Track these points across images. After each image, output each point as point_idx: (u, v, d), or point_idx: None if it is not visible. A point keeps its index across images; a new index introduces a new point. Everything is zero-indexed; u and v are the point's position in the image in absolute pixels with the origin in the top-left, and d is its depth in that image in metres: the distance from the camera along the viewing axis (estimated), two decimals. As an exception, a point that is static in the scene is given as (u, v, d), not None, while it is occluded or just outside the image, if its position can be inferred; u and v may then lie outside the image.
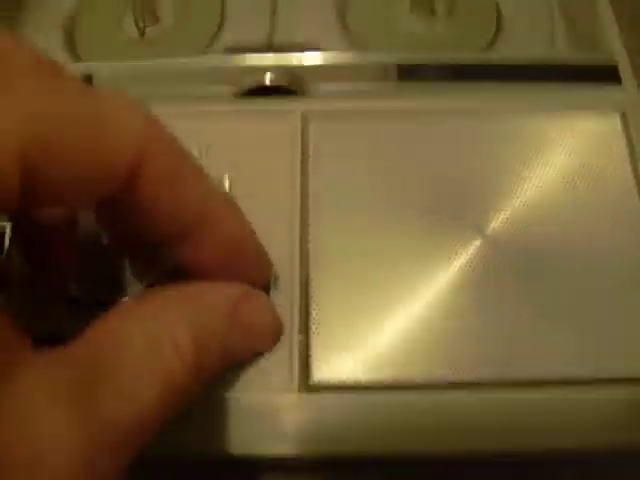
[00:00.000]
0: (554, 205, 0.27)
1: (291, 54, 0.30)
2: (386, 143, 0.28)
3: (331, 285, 0.25)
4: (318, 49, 0.31)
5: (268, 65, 0.30)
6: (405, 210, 0.27)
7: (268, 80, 0.29)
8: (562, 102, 0.29)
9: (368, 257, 0.26)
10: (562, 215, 0.27)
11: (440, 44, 0.35)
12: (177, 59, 0.31)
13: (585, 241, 0.26)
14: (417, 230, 0.26)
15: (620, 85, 0.30)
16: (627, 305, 0.25)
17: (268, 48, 0.33)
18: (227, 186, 0.27)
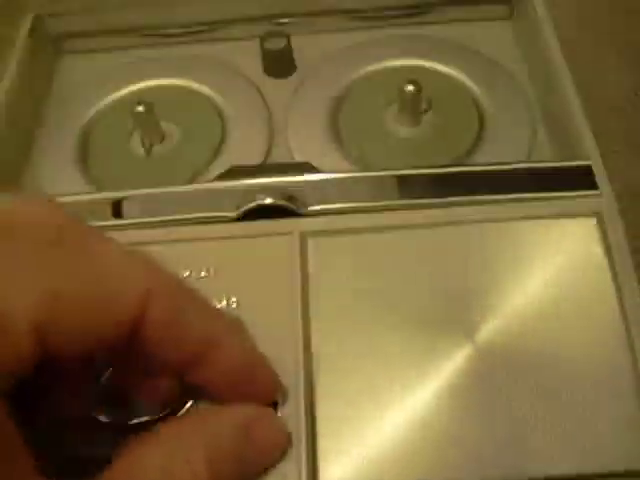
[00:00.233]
0: (538, 311, 0.28)
1: (288, 176, 0.32)
2: (380, 255, 0.30)
3: (334, 393, 0.27)
4: (313, 168, 0.34)
5: (265, 185, 0.32)
6: (400, 318, 0.29)
7: (267, 200, 0.31)
8: (542, 210, 0.31)
9: (367, 365, 0.28)
10: (546, 320, 0.28)
11: (426, 148, 0.38)
12: (178, 186, 0.33)
13: (568, 345, 0.28)
14: (412, 337, 0.28)
15: (595, 190, 0.32)
16: (608, 405, 0.26)
17: (265, 169, 0.36)
18: (234, 306, 0.29)
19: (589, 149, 0.33)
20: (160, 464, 0.21)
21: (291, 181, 0.32)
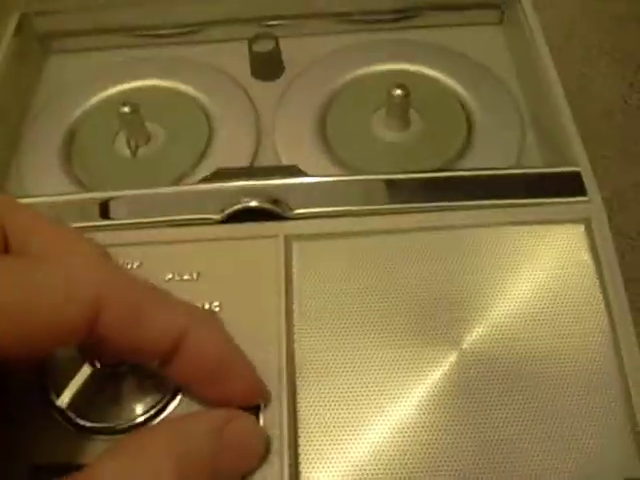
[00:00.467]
0: (525, 317, 0.28)
1: (274, 179, 0.32)
2: (365, 259, 0.30)
3: (317, 399, 0.27)
4: (300, 172, 0.33)
5: (251, 188, 0.32)
6: (385, 324, 0.28)
7: (252, 203, 0.31)
8: (530, 216, 0.31)
9: (351, 371, 0.27)
10: (533, 327, 0.28)
11: (414, 152, 0.38)
12: (163, 188, 0.33)
13: (556, 352, 0.27)
14: (397, 344, 0.28)
15: (584, 196, 0.32)
16: (597, 412, 0.26)
17: (252, 171, 0.35)
18: (217, 308, 0.28)
19: (578, 155, 0.33)
20: (122, 478, 0.21)
21: (277, 184, 0.32)
